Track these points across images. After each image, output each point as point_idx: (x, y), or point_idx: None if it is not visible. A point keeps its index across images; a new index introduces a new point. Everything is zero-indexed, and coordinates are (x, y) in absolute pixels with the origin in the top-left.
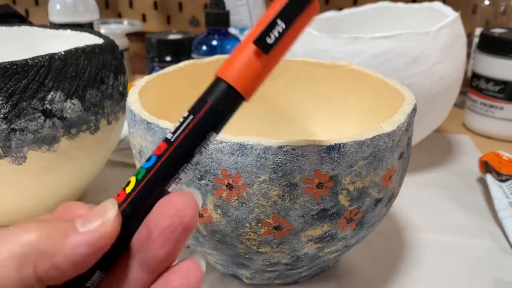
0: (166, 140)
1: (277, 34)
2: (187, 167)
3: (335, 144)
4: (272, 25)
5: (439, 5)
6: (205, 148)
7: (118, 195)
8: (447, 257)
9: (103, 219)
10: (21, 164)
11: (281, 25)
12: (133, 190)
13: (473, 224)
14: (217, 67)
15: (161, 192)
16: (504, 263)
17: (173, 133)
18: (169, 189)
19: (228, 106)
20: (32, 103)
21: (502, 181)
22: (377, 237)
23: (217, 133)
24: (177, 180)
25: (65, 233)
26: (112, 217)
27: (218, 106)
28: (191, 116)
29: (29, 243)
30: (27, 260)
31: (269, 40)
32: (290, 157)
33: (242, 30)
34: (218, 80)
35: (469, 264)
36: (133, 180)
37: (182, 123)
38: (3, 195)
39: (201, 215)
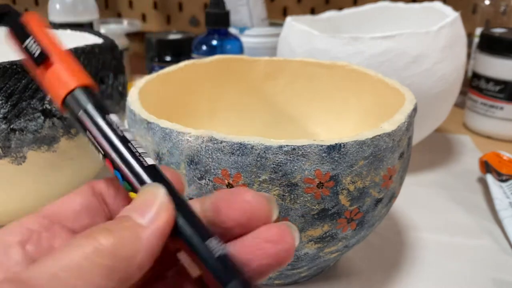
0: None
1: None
2: (132, 145)
3: (336, 144)
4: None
5: (439, 5)
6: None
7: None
8: (447, 257)
9: (159, 205)
10: (21, 164)
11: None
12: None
13: (473, 224)
14: (217, 67)
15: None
16: (504, 263)
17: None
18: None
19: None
20: (31, 103)
21: (502, 181)
22: (377, 237)
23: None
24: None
25: (135, 233)
26: (165, 201)
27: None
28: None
29: (108, 252)
30: (113, 269)
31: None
32: (290, 157)
33: (242, 30)
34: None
35: (469, 264)
36: (132, 195)
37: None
38: (2, 195)
39: None
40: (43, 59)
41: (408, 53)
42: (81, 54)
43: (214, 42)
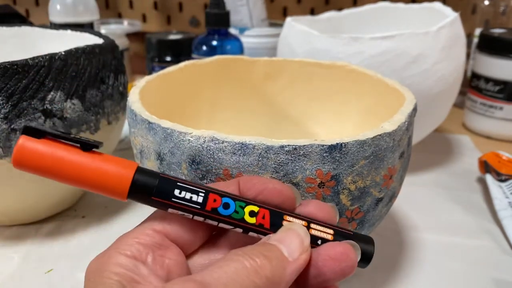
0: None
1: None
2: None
3: (337, 144)
4: None
5: (439, 5)
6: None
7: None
8: (447, 257)
9: (303, 247)
10: None
11: None
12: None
13: (473, 224)
14: (217, 67)
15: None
16: (504, 263)
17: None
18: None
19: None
20: (32, 103)
21: (501, 181)
22: (377, 237)
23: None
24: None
25: (283, 265)
26: (308, 245)
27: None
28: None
29: (264, 275)
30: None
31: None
32: (291, 157)
33: (242, 30)
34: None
35: (469, 264)
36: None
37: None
38: (3, 195)
39: None
40: (91, 147)
41: (408, 53)
42: (81, 54)
43: (214, 43)
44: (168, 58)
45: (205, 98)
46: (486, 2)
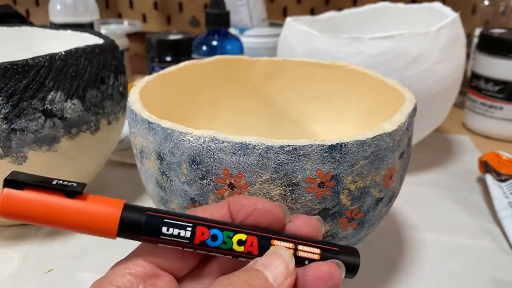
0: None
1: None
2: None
3: (337, 144)
4: None
5: (438, 5)
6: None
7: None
8: (446, 257)
9: (288, 273)
10: (22, 164)
11: None
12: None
13: (473, 224)
14: (217, 67)
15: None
16: (504, 263)
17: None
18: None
19: (134, 220)
20: (32, 103)
21: (501, 181)
22: (377, 237)
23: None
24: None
25: None
26: (293, 268)
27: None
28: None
29: None
30: None
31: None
32: (291, 157)
33: (242, 30)
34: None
35: (469, 264)
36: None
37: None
38: None
39: None
40: (75, 194)
41: (408, 53)
42: (81, 54)
43: (214, 43)
44: (168, 58)
45: (205, 98)
46: (486, 2)
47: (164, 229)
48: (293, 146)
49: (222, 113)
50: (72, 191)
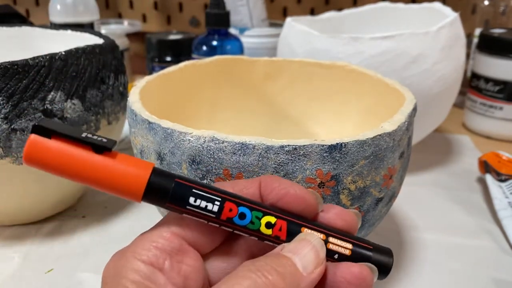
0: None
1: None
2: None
3: (337, 144)
4: None
5: (438, 5)
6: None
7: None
8: (447, 257)
9: (319, 262)
10: (22, 164)
11: None
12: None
13: (472, 224)
14: (217, 67)
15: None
16: (504, 263)
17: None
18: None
19: (164, 181)
20: (32, 103)
21: (501, 181)
22: (377, 237)
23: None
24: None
25: (297, 281)
26: (323, 257)
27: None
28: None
29: None
30: None
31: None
32: (291, 157)
33: (242, 30)
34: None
35: (469, 264)
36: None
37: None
38: (3, 195)
39: None
40: (104, 149)
41: (408, 53)
42: (81, 54)
43: (214, 43)
44: (168, 58)
45: (205, 98)
46: (486, 2)
47: (191, 199)
48: (293, 146)
49: (222, 113)
50: (101, 146)
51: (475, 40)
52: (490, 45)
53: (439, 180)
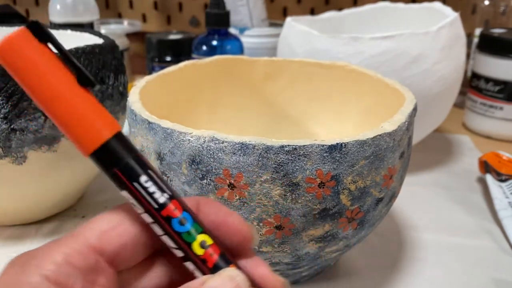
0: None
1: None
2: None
3: (337, 144)
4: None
5: (438, 5)
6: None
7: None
8: (447, 257)
9: None
10: (21, 164)
11: None
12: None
13: (473, 224)
14: (217, 67)
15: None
16: (504, 263)
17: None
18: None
19: (121, 150)
20: (32, 103)
21: (502, 181)
22: (377, 237)
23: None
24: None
25: None
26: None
27: (120, 163)
28: (126, 190)
29: None
30: None
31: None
32: (291, 157)
33: (242, 30)
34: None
35: (469, 264)
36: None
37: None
38: (3, 195)
39: None
40: (87, 84)
41: (408, 53)
42: (81, 54)
43: (214, 43)
44: (168, 58)
45: (205, 98)
46: (486, 2)
47: (143, 178)
48: (293, 146)
49: (222, 113)
50: (87, 79)
51: (475, 40)
52: (490, 45)
53: (439, 180)
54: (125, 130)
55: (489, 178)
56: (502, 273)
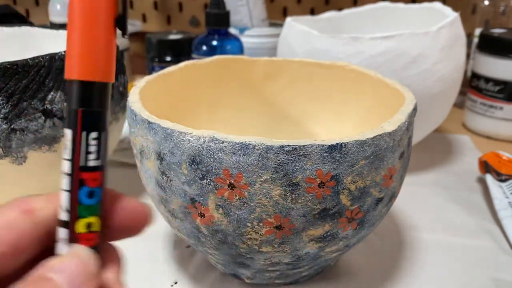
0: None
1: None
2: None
3: (337, 144)
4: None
5: (438, 5)
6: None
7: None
8: (447, 257)
9: (88, 277)
10: (22, 164)
11: None
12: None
13: (473, 224)
14: (217, 67)
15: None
16: (504, 263)
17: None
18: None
19: (98, 100)
20: (32, 103)
21: (501, 181)
22: (377, 237)
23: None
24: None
25: None
26: (95, 271)
27: (89, 107)
28: (71, 132)
29: None
30: None
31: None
32: (291, 157)
33: (242, 30)
34: (70, 82)
35: (469, 264)
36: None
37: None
38: (3, 195)
39: (202, 215)
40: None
41: (408, 53)
42: None
43: (214, 43)
44: (168, 58)
45: (205, 98)
46: (486, 2)
47: (92, 135)
48: (293, 146)
49: (222, 113)
50: (123, 23)
51: (475, 40)
52: (490, 45)
53: (439, 180)
54: (125, 130)
55: (489, 178)
56: (502, 273)
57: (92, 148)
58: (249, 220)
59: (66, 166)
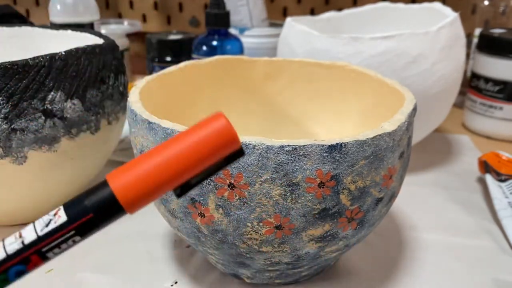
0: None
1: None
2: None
3: (337, 144)
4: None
5: (438, 5)
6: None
7: None
8: (447, 257)
9: None
10: (22, 164)
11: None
12: None
13: (473, 224)
14: (217, 68)
15: None
16: (504, 263)
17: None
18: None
19: (107, 217)
20: (32, 103)
21: (501, 181)
22: (377, 237)
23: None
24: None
25: None
26: None
27: (98, 216)
28: (66, 219)
29: None
30: None
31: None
32: (291, 157)
33: (242, 30)
34: (105, 184)
35: (469, 264)
36: None
37: (55, 222)
38: (3, 195)
39: (202, 215)
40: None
41: (408, 53)
42: (82, 54)
43: (214, 43)
44: (168, 58)
45: (205, 98)
46: (486, 2)
47: (77, 235)
48: (293, 146)
49: None
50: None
51: (475, 40)
52: (490, 45)
53: (439, 180)
54: (125, 130)
55: (489, 178)
56: (502, 273)
57: (64, 246)
58: (249, 220)
59: (29, 236)
